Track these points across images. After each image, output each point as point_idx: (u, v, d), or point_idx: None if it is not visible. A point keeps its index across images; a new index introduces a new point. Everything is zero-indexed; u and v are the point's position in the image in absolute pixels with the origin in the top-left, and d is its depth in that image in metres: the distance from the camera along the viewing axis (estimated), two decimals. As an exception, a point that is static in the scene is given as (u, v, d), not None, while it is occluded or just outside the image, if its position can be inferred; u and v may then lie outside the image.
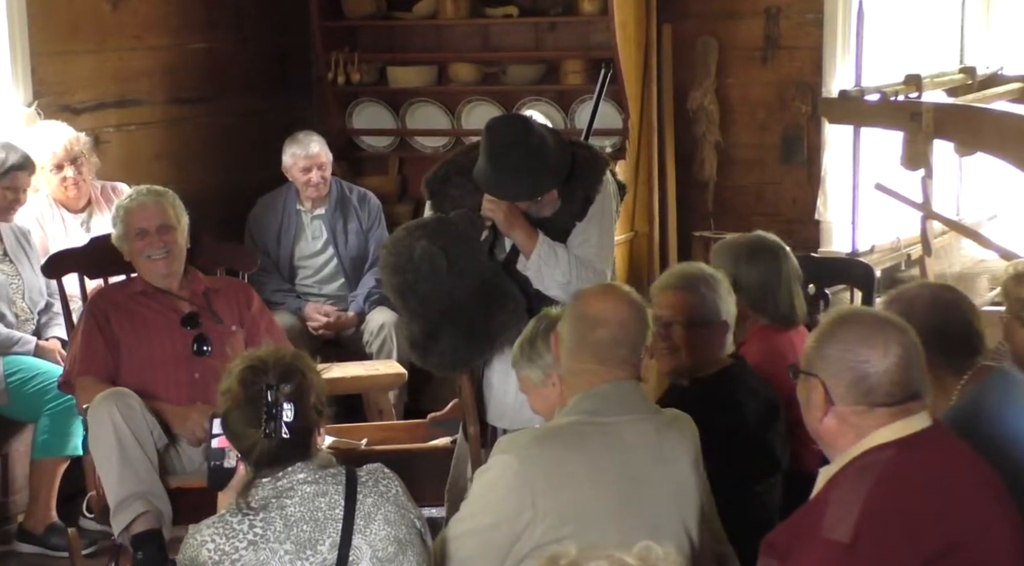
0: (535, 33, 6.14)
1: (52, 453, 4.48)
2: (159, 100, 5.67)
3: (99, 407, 3.78)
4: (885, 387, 2.34)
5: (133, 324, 4.04)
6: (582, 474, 2.64)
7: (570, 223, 3.81)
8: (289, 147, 5.54)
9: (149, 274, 4.09)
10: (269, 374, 2.63)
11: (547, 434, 2.70)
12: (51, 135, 4.86)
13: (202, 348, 4.03)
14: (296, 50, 6.36)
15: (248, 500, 2.59)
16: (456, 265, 3.68)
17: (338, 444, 4.01)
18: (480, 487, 2.70)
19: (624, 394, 2.74)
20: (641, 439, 2.71)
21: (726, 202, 6.10)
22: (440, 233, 3.71)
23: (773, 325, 3.72)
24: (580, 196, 3.80)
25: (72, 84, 5.23)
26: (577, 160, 3.80)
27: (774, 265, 3.73)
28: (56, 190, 4.88)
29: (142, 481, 3.74)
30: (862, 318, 2.43)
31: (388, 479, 2.70)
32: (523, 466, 2.62)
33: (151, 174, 5.38)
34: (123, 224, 4.08)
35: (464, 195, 3.83)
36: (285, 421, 2.60)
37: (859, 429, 2.36)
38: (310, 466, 2.64)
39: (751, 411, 3.32)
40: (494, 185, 3.72)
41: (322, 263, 5.59)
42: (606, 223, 3.88)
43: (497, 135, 3.71)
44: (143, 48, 5.58)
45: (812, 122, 5.90)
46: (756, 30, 5.96)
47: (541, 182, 3.72)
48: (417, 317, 3.74)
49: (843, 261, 5.07)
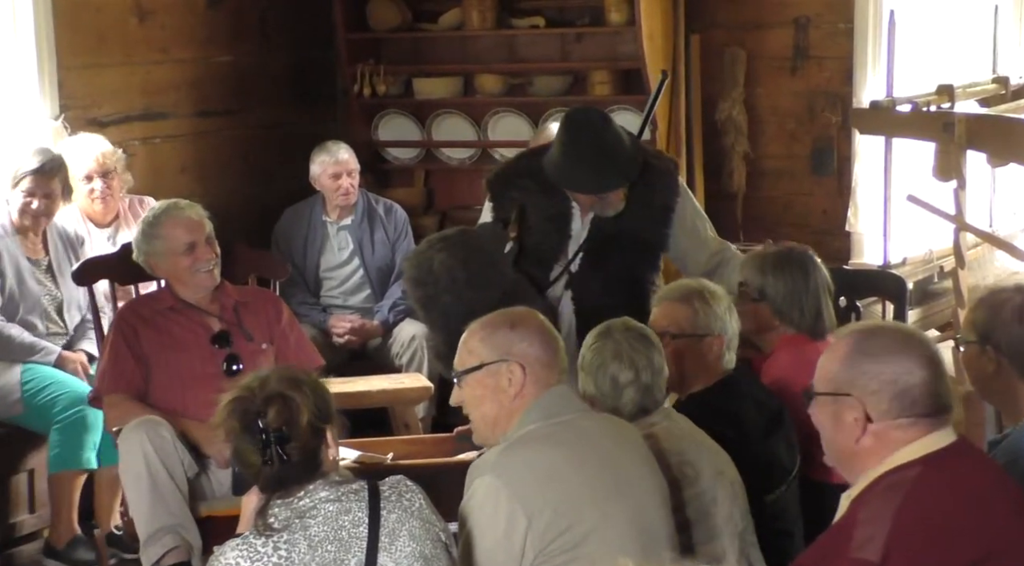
0: (561, 44, 6.17)
1: (66, 466, 4.51)
2: (185, 113, 5.72)
3: (130, 436, 3.78)
4: (927, 397, 2.33)
5: (161, 341, 4.03)
6: (563, 466, 2.67)
7: (649, 232, 3.89)
8: (318, 156, 5.58)
9: (195, 288, 4.06)
10: (255, 402, 2.63)
11: (513, 444, 2.71)
12: (85, 147, 4.92)
13: (232, 367, 4.01)
14: (321, 62, 6.40)
15: (269, 521, 2.58)
16: (475, 277, 3.69)
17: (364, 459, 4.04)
18: (470, 517, 2.70)
19: (566, 396, 2.82)
20: (600, 429, 2.79)
21: (755, 214, 6.10)
22: (460, 245, 3.73)
23: (800, 335, 3.73)
24: (659, 205, 3.88)
25: (98, 97, 5.29)
26: (653, 169, 3.88)
27: (802, 275, 3.75)
28: (83, 202, 4.93)
29: (172, 514, 3.74)
30: (888, 331, 2.42)
31: (412, 492, 2.69)
32: (501, 479, 2.64)
33: (176, 187, 5.43)
34: (164, 240, 4.03)
35: (527, 197, 3.88)
36: (280, 447, 2.60)
37: (894, 446, 2.34)
38: (331, 482, 2.63)
39: (750, 420, 3.33)
40: (562, 174, 3.77)
41: (348, 274, 5.62)
42: (701, 214, 4.05)
43: (574, 124, 3.76)
44: (169, 61, 5.63)
45: (842, 133, 5.90)
46: (785, 40, 5.96)
47: (610, 178, 3.77)
48: (440, 329, 3.77)
49: (875, 273, 5.06)
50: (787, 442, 3.39)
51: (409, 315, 5.43)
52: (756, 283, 3.76)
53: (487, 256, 3.75)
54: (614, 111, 5.87)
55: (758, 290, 3.74)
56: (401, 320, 5.47)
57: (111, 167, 4.92)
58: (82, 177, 4.89)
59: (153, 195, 5.18)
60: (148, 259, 4.10)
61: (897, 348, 2.35)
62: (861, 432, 2.36)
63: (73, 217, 4.94)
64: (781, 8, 5.94)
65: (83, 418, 4.48)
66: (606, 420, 2.87)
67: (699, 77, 6.03)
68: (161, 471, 3.74)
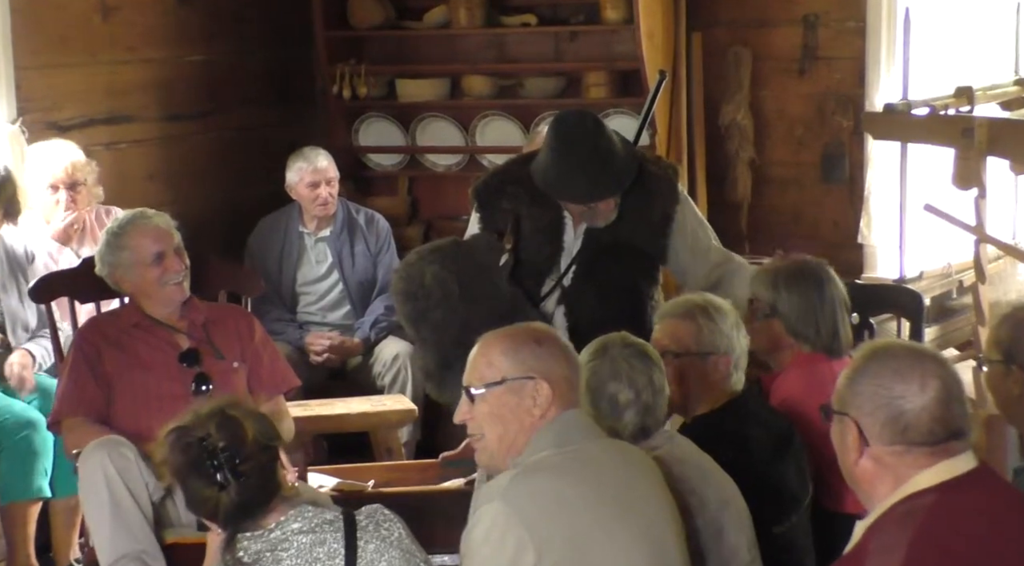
0: (555, 43, 6.17)
1: (17, 497, 4.48)
2: (153, 116, 5.71)
3: (91, 456, 3.75)
4: (924, 425, 2.34)
5: (127, 360, 4.01)
6: (573, 496, 2.67)
7: (647, 242, 3.88)
8: (295, 162, 5.58)
9: (163, 302, 4.05)
10: (196, 428, 2.65)
11: (524, 472, 2.71)
12: (54, 154, 4.91)
13: (201, 387, 3.99)
14: (299, 62, 6.40)
15: (239, 555, 2.58)
16: (469, 291, 3.70)
17: (343, 486, 4.02)
18: (474, 544, 2.69)
19: (579, 421, 2.81)
20: (611, 457, 2.78)
21: (761, 224, 6.09)
22: (453, 257, 3.74)
23: (816, 353, 3.72)
24: (657, 213, 3.88)
25: (59, 99, 5.27)
26: (651, 175, 3.87)
27: (816, 289, 3.76)
28: (48, 212, 4.91)
29: (136, 540, 3.72)
30: (896, 351, 2.42)
31: (390, 521, 2.69)
32: (510, 507, 2.63)
33: (144, 195, 5.42)
34: (130, 251, 4.01)
35: (518, 207, 3.89)
36: (234, 466, 2.61)
37: (897, 472, 2.35)
38: (304, 513, 2.63)
39: (758, 443, 3.33)
40: (550, 181, 3.78)
41: (326, 289, 5.61)
42: (702, 222, 4.05)
43: (565, 127, 3.76)
44: (136, 61, 5.62)
45: (854, 138, 5.90)
46: (793, 39, 5.97)
47: (602, 185, 3.77)
48: (431, 346, 3.76)
49: (889, 288, 5.06)
50: (797, 467, 3.39)
51: (392, 332, 5.41)
52: (768, 299, 3.75)
53: (482, 269, 3.76)
54: (610, 115, 5.88)
55: (770, 306, 3.74)
56: (383, 337, 5.45)
57: (80, 179, 4.91)
58: (47, 186, 4.87)
59: (118, 204, 5.16)
60: (113, 272, 4.07)
61: (898, 369, 2.37)
62: (858, 455, 2.38)
63: (27, 230, 4.91)
64: (789, 5, 5.95)
65: (29, 443, 4.44)
66: (620, 448, 2.86)
67: (701, 79, 6.04)
68: (124, 494, 3.72)
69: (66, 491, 4.33)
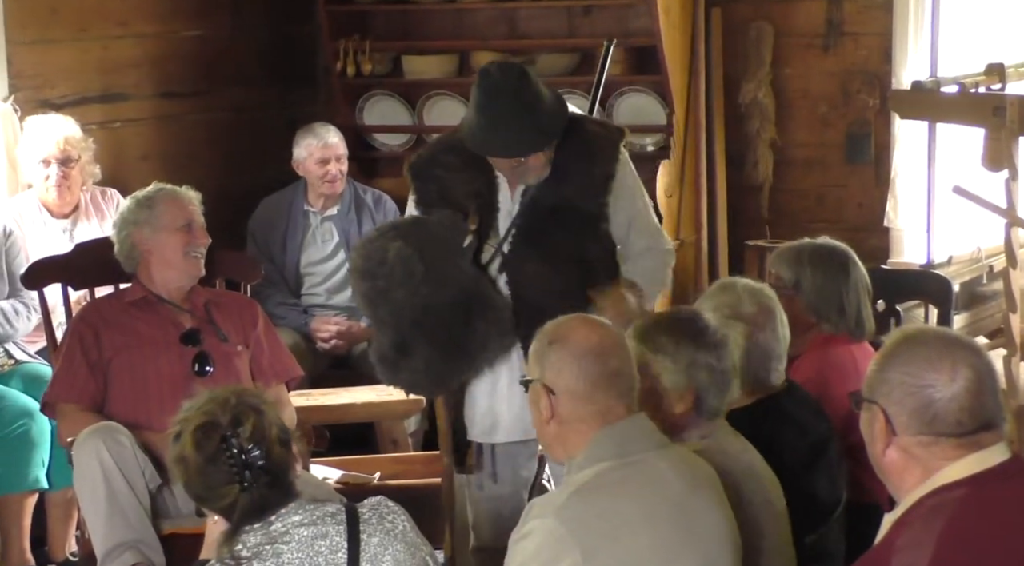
0: (568, 18, 6.17)
1: (13, 489, 4.51)
2: (147, 94, 5.72)
3: (86, 444, 3.79)
4: (953, 415, 2.34)
5: (126, 340, 4.06)
6: (636, 519, 2.67)
7: (587, 203, 3.81)
8: (303, 138, 5.59)
9: (182, 272, 4.11)
10: (222, 424, 2.63)
11: (583, 489, 2.70)
12: (49, 128, 4.94)
13: (204, 368, 4.04)
14: (300, 38, 6.40)
15: (237, 549, 2.59)
16: (433, 271, 3.67)
17: (347, 479, 4.04)
18: (524, 555, 2.68)
19: (643, 429, 2.79)
20: (675, 469, 2.77)
21: (783, 208, 6.10)
22: (416, 235, 3.71)
23: (838, 335, 3.72)
24: (599, 174, 3.81)
25: (51, 76, 5.29)
26: (592, 134, 3.83)
27: (842, 269, 3.76)
28: (39, 188, 4.95)
29: (133, 528, 3.75)
30: (927, 338, 2.42)
31: (394, 514, 2.70)
32: (566, 527, 2.62)
33: (138, 175, 5.42)
34: (160, 214, 4.10)
35: (448, 174, 3.83)
36: (259, 467, 2.60)
37: (926, 464, 2.35)
38: (305, 506, 2.64)
39: (791, 451, 3.29)
40: (475, 137, 3.71)
41: (332, 270, 5.62)
42: (641, 194, 3.94)
43: (488, 80, 3.70)
44: (130, 36, 5.63)
45: (880, 117, 5.91)
46: (817, 14, 5.97)
47: (528, 139, 3.69)
48: (387, 328, 3.74)
49: (917, 274, 5.07)
50: (829, 475, 3.36)
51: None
52: (790, 275, 3.74)
53: (446, 249, 3.72)
54: (625, 93, 5.89)
55: (792, 283, 3.73)
56: (389, 324, 5.45)
57: (73, 155, 4.93)
58: (39, 161, 4.90)
59: (112, 184, 5.19)
60: (135, 232, 4.11)
61: (928, 357, 2.36)
62: (885, 445, 2.38)
63: (28, 203, 4.94)
64: (812, -22, 5.96)
65: (26, 432, 4.48)
66: (682, 460, 2.83)
67: (721, 55, 6.04)
68: (120, 481, 3.76)
69: (63, 483, 4.36)
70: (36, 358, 4.78)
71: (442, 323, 3.69)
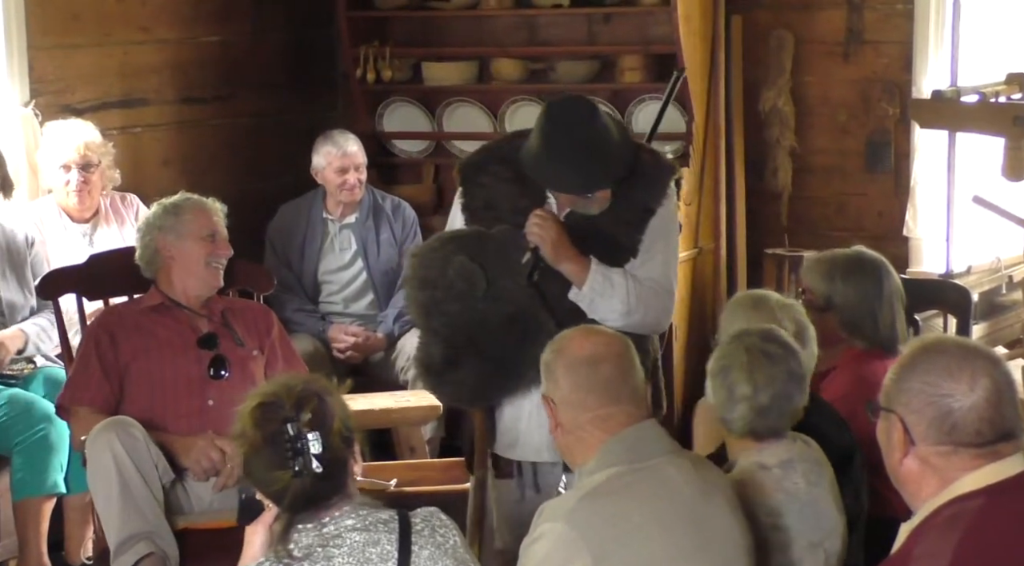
0: (588, 25, 6.18)
1: (32, 492, 4.53)
2: (168, 99, 5.75)
3: (99, 437, 3.83)
4: (972, 425, 2.34)
5: (144, 344, 4.10)
6: (648, 524, 2.68)
7: (623, 233, 3.76)
8: (322, 146, 5.60)
9: (202, 281, 4.17)
10: (285, 406, 2.64)
11: (593, 492, 2.72)
12: (69, 133, 4.96)
13: (219, 372, 4.08)
14: (320, 44, 6.42)
15: (289, 548, 2.59)
16: (493, 287, 3.65)
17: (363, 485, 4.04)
18: (533, 560, 2.70)
19: (652, 435, 2.82)
20: (685, 476, 2.78)
21: (802, 216, 6.09)
22: (479, 249, 3.69)
23: (871, 350, 3.69)
24: (639, 205, 3.75)
25: (72, 81, 5.32)
26: (642, 164, 3.76)
27: (875, 282, 3.73)
28: (59, 193, 4.97)
29: (146, 520, 3.78)
30: (947, 348, 2.43)
31: (445, 527, 2.69)
32: (576, 531, 2.64)
33: (158, 181, 5.46)
34: (187, 222, 4.17)
35: (497, 184, 3.79)
36: (314, 454, 2.60)
37: (943, 474, 2.36)
38: (359, 511, 2.64)
39: None
40: (542, 170, 3.67)
41: (350, 278, 5.64)
42: (672, 240, 3.86)
43: (557, 114, 3.67)
44: (151, 42, 5.66)
45: (900, 126, 5.90)
46: (837, 22, 5.96)
47: (596, 177, 3.66)
48: (439, 339, 3.73)
49: (936, 283, 5.06)
50: (854, 491, 3.35)
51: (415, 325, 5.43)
52: (822, 290, 3.70)
53: (506, 264, 3.69)
54: (645, 101, 5.89)
55: (825, 298, 3.69)
56: (407, 331, 5.47)
57: (94, 160, 4.96)
58: (59, 166, 4.93)
59: (132, 190, 5.21)
60: (159, 237, 4.17)
61: (947, 366, 2.37)
62: (903, 454, 2.39)
63: (48, 208, 4.96)
64: (833, -14, 5.95)
65: (46, 437, 4.50)
66: (693, 466, 2.84)
67: (741, 63, 6.04)
68: (133, 473, 3.78)
69: (81, 487, 4.37)
70: (57, 362, 4.80)
71: (496, 340, 3.67)
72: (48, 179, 5.00)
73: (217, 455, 3.94)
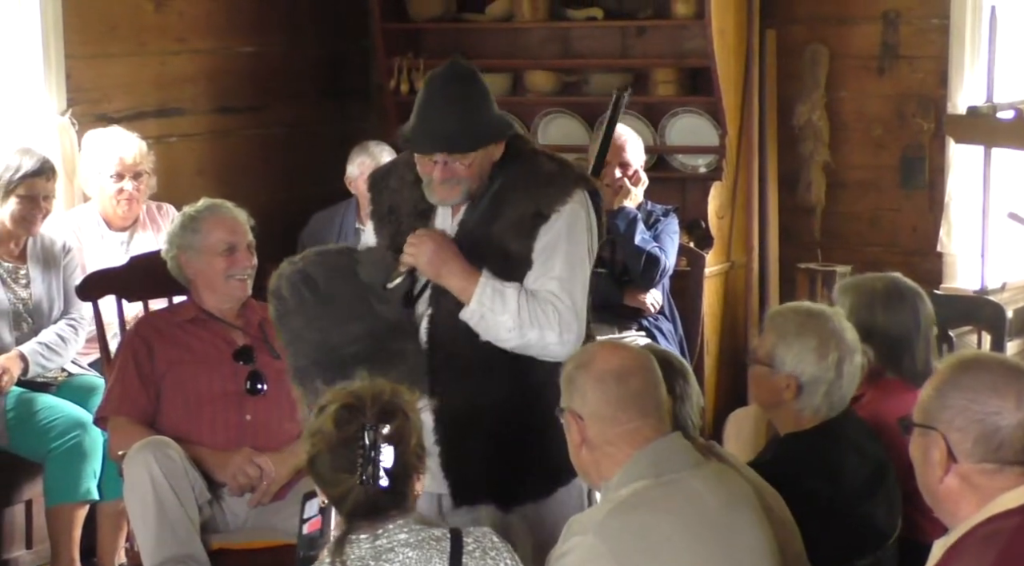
0: (622, 38, 6.19)
1: (65, 499, 4.55)
2: (203, 109, 5.79)
3: (136, 458, 3.81)
4: (1020, 442, 2.32)
5: (180, 356, 4.08)
6: (677, 536, 2.68)
7: (512, 239, 3.45)
8: (357, 156, 5.62)
9: (224, 297, 4.12)
10: (367, 413, 2.63)
11: (621, 506, 2.71)
12: (121, 141, 4.99)
13: (256, 386, 4.06)
14: (355, 55, 6.45)
15: (344, 559, 2.59)
16: (333, 307, 3.46)
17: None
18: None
19: (677, 448, 2.82)
20: (711, 487, 2.78)
21: (836, 231, 6.09)
22: (326, 264, 3.53)
23: (902, 380, 3.62)
24: (531, 214, 3.44)
25: (108, 90, 5.36)
26: (539, 169, 3.52)
27: (913, 313, 3.65)
28: (107, 202, 5.00)
29: (182, 543, 3.76)
30: (989, 364, 2.41)
31: (496, 550, 2.69)
32: (607, 545, 2.64)
33: (193, 190, 5.47)
34: (203, 236, 4.09)
35: (401, 188, 3.62)
36: (384, 467, 2.60)
37: (984, 492, 2.34)
38: (412, 525, 2.63)
39: (851, 473, 3.27)
40: (412, 131, 3.45)
41: (381, 289, 5.63)
42: (576, 251, 3.45)
43: (435, 76, 3.49)
44: (186, 51, 5.70)
45: (935, 141, 5.89)
46: (872, 37, 5.96)
47: (464, 136, 3.40)
48: (288, 354, 3.55)
49: (970, 300, 5.05)
50: (888, 503, 3.32)
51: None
52: (860, 321, 3.54)
53: (358, 286, 3.49)
54: (678, 114, 5.90)
55: (864, 330, 3.51)
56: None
57: (145, 169, 5.00)
58: (110, 175, 4.95)
59: (167, 199, 5.24)
60: (180, 255, 4.14)
61: (993, 383, 2.35)
62: (944, 472, 2.36)
63: (87, 215, 5.00)
64: (869, 1, 5.94)
65: (79, 444, 4.52)
66: (718, 479, 2.85)
67: (775, 77, 6.04)
68: (170, 496, 3.77)
69: (114, 494, 4.39)
70: (89, 370, 4.83)
71: (340, 366, 3.37)
72: (91, 187, 5.02)
73: (254, 471, 3.92)
